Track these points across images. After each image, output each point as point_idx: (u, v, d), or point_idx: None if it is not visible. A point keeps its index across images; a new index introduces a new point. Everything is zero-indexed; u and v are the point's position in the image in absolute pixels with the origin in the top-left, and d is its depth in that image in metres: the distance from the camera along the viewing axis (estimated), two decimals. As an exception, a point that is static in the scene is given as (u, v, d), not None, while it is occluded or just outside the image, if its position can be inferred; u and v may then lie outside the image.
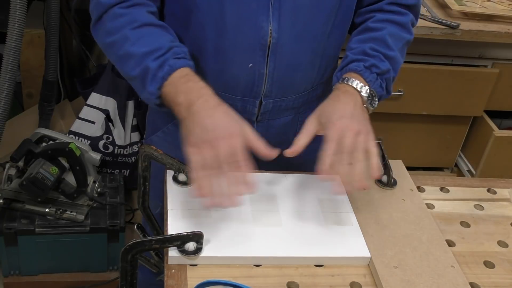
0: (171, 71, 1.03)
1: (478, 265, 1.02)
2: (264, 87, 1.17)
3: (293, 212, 1.05)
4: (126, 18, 1.08)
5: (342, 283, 0.94)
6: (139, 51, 1.05)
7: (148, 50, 1.05)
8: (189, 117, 1.00)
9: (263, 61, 1.13)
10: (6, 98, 1.73)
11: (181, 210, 1.01)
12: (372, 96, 1.12)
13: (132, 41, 1.06)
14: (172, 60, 1.04)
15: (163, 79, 1.03)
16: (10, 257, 1.89)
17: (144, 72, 1.05)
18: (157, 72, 1.03)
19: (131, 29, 1.07)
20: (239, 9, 1.07)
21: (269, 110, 1.21)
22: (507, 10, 2.05)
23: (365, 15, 1.22)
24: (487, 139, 2.18)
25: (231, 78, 1.15)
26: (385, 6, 1.19)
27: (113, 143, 2.18)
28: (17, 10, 1.68)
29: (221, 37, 1.11)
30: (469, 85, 2.10)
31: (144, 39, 1.06)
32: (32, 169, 1.74)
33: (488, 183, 1.24)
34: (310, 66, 1.19)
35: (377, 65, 1.14)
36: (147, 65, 1.04)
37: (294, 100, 1.22)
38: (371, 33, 1.18)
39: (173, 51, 1.05)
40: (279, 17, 1.09)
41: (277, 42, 1.11)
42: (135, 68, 1.06)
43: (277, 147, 1.28)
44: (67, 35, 2.48)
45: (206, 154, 0.95)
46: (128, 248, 0.88)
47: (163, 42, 1.06)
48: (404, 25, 1.20)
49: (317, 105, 1.25)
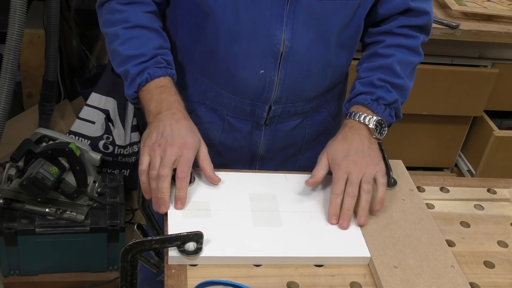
0: (149, 79, 1.09)
1: (478, 265, 1.02)
2: (274, 94, 1.17)
3: (293, 212, 1.05)
4: (121, 15, 1.12)
5: (342, 283, 0.94)
6: (125, 53, 1.11)
7: (133, 53, 1.10)
8: (153, 123, 1.06)
9: (275, 68, 1.13)
10: (6, 98, 1.73)
11: (181, 210, 1.01)
12: (381, 125, 1.14)
13: (121, 40, 1.11)
14: (152, 68, 1.09)
15: (139, 86, 1.10)
16: (10, 257, 1.89)
17: (125, 74, 1.11)
18: (135, 77, 1.10)
19: (123, 28, 1.11)
20: (253, 16, 1.08)
21: (278, 114, 1.21)
22: (507, 10, 2.05)
23: (376, 37, 1.22)
24: (487, 139, 2.18)
25: (241, 83, 1.15)
26: (396, 29, 1.19)
27: (113, 143, 2.18)
28: (17, 10, 1.68)
29: (234, 42, 1.11)
30: (469, 85, 2.10)
31: (132, 41, 1.11)
32: (32, 169, 1.74)
33: (488, 183, 1.24)
34: (321, 74, 1.19)
35: (384, 97, 1.16)
36: (128, 69, 1.10)
37: (303, 106, 1.23)
38: (380, 60, 1.19)
39: (155, 59, 1.10)
40: (292, 26, 1.09)
41: (290, 51, 1.11)
42: (119, 67, 1.12)
43: (284, 150, 1.29)
44: (67, 35, 2.48)
45: (155, 156, 1.01)
46: (128, 248, 0.89)
47: (148, 49, 1.10)
48: (414, 48, 1.21)
49: (325, 109, 1.26)
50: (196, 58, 1.19)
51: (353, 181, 1.05)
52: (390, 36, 1.20)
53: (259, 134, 1.23)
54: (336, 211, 1.04)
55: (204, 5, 1.09)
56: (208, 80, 1.19)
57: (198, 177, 1.09)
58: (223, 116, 1.22)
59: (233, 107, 1.20)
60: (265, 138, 1.24)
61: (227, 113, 1.21)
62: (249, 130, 1.23)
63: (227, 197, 1.06)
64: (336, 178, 1.06)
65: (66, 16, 2.36)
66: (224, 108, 1.21)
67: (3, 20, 1.77)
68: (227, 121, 1.22)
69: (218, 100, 1.20)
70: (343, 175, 1.06)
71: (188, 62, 1.21)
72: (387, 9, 1.18)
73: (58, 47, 2.11)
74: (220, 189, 1.08)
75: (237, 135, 1.24)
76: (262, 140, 1.24)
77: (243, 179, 1.11)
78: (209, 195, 1.05)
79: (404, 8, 1.17)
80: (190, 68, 1.21)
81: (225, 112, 1.21)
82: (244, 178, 1.11)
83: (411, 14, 1.19)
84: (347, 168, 1.06)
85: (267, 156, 1.27)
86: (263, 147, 1.25)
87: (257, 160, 1.28)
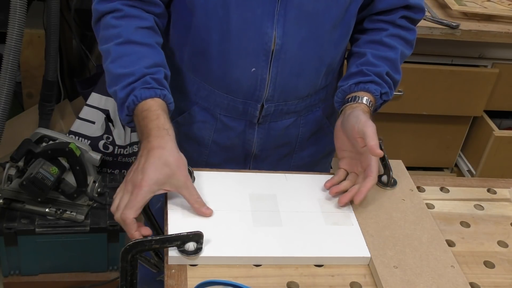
0: (136, 102, 1.03)
1: (478, 265, 1.02)
2: (266, 92, 1.17)
3: (293, 212, 1.05)
4: (114, 31, 1.07)
5: (342, 283, 0.94)
6: (115, 72, 1.05)
7: (122, 72, 1.04)
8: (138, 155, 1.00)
9: (266, 66, 1.13)
10: (6, 98, 1.73)
11: (181, 210, 1.01)
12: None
13: (112, 58, 1.06)
14: (139, 90, 1.03)
15: (128, 109, 1.04)
16: (10, 257, 1.89)
17: (114, 96, 1.07)
18: (124, 101, 1.04)
19: (115, 44, 1.06)
20: (244, 14, 1.08)
21: (271, 113, 1.21)
22: (507, 10, 2.05)
23: (378, 24, 1.22)
24: (487, 139, 2.18)
25: (233, 81, 1.15)
26: (398, 20, 1.21)
27: (113, 143, 2.18)
28: (17, 10, 1.68)
29: (225, 41, 1.11)
30: (469, 85, 2.10)
31: (122, 59, 1.06)
32: (32, 169, 1.74)
33: (488, 183, 1.24)
34: (313, 72, 1.19)
35: (388, 93, 1.19)
36: (116, 91, 1.05)
37: (296, 104, 1.22)
38: (386, 51, 1.20)
39: (143, 79, 1.04)
40: (283, 24, 1.09)
41: (281, 49, 1.11)
42: (110, 87, 1.08)
43: (278, 149, 1.29)
44: (67, 35, 2.48)
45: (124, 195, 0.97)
46: (128, 248, 0.89)
47: (139, 68, 1.04)
48: (410, 42, 1.24)
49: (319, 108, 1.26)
50: (187, 57, 1.19)
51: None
52: (392, 26, 1.22)
53: (252, 133, 1.23)
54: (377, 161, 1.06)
55: (196, 4, 1.09)
56: (200, 79, 1.19)
57: (198, 177, 1.09)
58: (216, 115, 1.22)
59: (225, 106, 1.20)
60: (259, 137, 1.24)
61: (220, 112, 1.21)
62: (242, 129, 1.23)
63: (227, 197, 1.06)
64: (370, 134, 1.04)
65: (66, 16, 2.36)
66: (217, 107, 1.21)
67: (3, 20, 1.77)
68: (220, 120, 1.22)
69: (211, 99, 1.20)
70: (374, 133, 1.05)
71: (180, 62, 1.21)
72: (386, 4, 1.19)
73: (58, 47, 2.11)
74: (220, 189, 1.08)
75: (231, 134, 1.24)
76: (255, 139, 1.24)
77: (243, 179, 1.11)
78: (209, 195, 1.05)
79: (404, 4, 1.20)
80: (182, 67, 1.21)
81: (218, 111, 1.21)
82: (244, 178, 1.11)
83: (409, 9, 1.21)
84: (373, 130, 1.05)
85: (261, 155, 1.27)
86: (256, 146, 1.25)
87: (251, 159, 1.28)
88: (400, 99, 2.07)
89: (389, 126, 2.16)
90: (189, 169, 1.06)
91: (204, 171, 1.12)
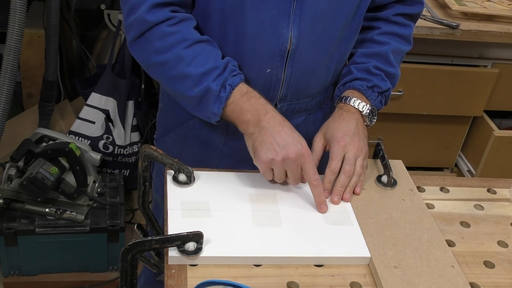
0: (232, 90, 1.06)
1: (478, 265, 1.02)
2: (280, 92, 1.17)
3: (293, 212, 1.05)
4: (177, 36, 1.06)
5: (342, 283, 0.94)
6: (196, 72, 1.05)
7: (205, 70, 1.05)
8: (259, 132, 1.05)
9: (281, 66, 1.13)
10: (6, 98, 1.73)
11: (181, 210, 1.01)
12: (373, 114, 1.19)
13: (187, 61, 1.05)
14: (230, 78, 1.06)
15: (226, 100, 1.05)
16: (10, 257, 1.89)
17: (204, 93, 1.06)
18: (219, 93, 1.05)
19: (184, 48, 1.06)
20: (259, 15, 1.07)
21: (283, 112, 1.20)
22: (507, 10, 2.05)
23: (371, 22, 1.23)
24: (487, 139, 2.18)
25: (247, 82, 1.14)
26: (392, 17, 1.22)
27: (113, 143, 2.18)
28: (17, 10, 1.68)
29: (241, 42, 1.11)
30: (469, 85, 2.10)
31: (198, 58, 1.06)
32: (32, 169, 1.74)
33: (488, 183, 1.24)
34: (325, 70, 1.20)
35: (379, 85, 1.20)
36: (208, 86, 1.05)
37: (308, 102, 1.23)
38: (376, 47, 1.22)
39: (229, 68, 1.07)
40: (299, 24, 1.09)
41: (296, 48, 1.11)
42: (193, 89, 1.06)
43: None
44: (67, 35, 2.48)
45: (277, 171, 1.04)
46: (128, 248, 0.88)
47: (217, 60, 1.07)
48: (406, 37, 1.25)
49: (327, 105, 1.27)
50: None
51: (350, 160, 1.10)
52: (386, 23, 1.23)
53: None
54: (329, 187, 1.09)
55: (211, 7, 1.09)
56: None
57: (198, 177, 1.09)
58: None
59: None
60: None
61: None
62: None
63: (227, 197, 1.06)
64: (335, 155, 1.10)
65: (66, 16, 2.36)
66: None
67: (3, 20, 1.77)
68: None
69: None
70: (341, 153, 1.10)
71: None
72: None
73: (58, 47, 2.11)
74: (220, 189, 1.08)
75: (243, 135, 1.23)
76: None
77: (243, 179, 1.11)
78: (209, 195, 1.05)
79: None
80: None
81: None
82: (244, 178, 1.11)
83: (406, 3, 1.22)
84: (346, 146, 1.11)
85: None
86: None
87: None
88: (400, 99, 2.07)
89: (389, 126, 2.16)
90: (189, 169, 1.06)
91: (204, 171, 1.12)
